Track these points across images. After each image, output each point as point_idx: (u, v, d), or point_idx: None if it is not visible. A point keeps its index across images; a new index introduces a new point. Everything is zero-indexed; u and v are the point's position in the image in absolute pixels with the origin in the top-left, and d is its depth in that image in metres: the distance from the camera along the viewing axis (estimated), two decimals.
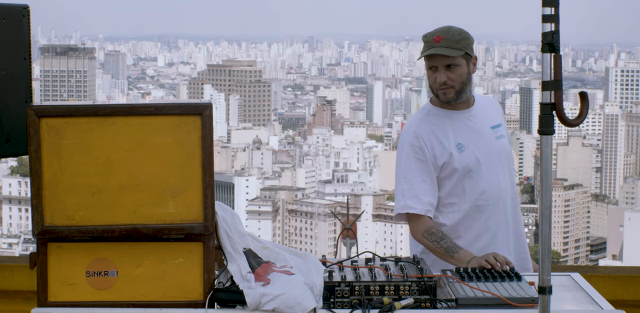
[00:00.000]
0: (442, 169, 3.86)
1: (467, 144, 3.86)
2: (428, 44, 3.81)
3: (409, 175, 3.86)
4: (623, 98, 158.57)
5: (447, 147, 3.85)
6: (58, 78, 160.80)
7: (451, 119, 3.90)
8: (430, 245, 3.78)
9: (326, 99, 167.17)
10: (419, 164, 3.85)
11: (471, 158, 3.85)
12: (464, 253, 3.67)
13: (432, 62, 3.81)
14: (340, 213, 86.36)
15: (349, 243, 9.24)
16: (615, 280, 4.82)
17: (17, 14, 3.24)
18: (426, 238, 3.79)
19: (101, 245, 3.09)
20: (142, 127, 3.04)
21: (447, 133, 3.87)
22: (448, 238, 3.76)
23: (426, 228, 3.81)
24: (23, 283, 5.06)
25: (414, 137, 3.87)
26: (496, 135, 3.94)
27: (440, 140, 3.86)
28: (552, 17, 2.84)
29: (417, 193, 3.83)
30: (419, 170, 3.84)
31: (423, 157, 3.85)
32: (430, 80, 3.85)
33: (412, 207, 3.83)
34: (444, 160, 3.85)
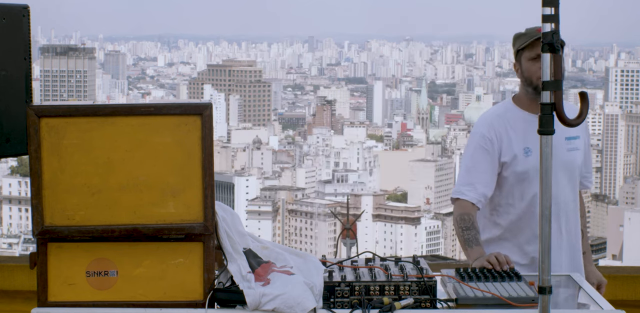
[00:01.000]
0: (504, 168, 3.90)
1: (535, 150, 3.88)
2: (530, 34, 3.87)
3: (470, 163, 3.93)
4: (623, 98, 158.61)
5: (515, 148, 3.89)
6: (58, 78, 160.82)
7: (527, 122, 3.91)
8: (457, 231, 3.85)
9: (326, 99, 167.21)
10: (485, 154, 3.90)
11: (533, 164, 3.86)
12: (476, 250, 3.72)
13: (536, 50, 3.82)
14: (340, 213, 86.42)
15: (349, 243, 9.23)
16: (615, 280, 4.82)
17: (17, 14, 3.24)
18: (457, 222, 3.86)
19: (101, 245, 3.09)
20: (142, 127, 3.04)
21: (518, 134, 3.91)
22: (474, 231, 3.79)
23: (462, 213, 3.86)
24: (23, 283, 5.06)
25: (488, 128, 3.93)
26: (569, 146, 3.96)
27: (510, 140, 3.90)
28: (552, 17, 2.84)
29: (474, 182, 3.89)
30: (483, 160, 3.90)
31: (491, 149, 3.90)
32: (532, 70, 3.86)
33: (465, 193, 3.89)
34: (507, 160, 3.89)
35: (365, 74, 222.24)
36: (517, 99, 4.00)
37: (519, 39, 3.93)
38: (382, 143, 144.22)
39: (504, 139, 3.91)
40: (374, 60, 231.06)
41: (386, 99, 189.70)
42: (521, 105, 3.96)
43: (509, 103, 4.01)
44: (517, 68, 3.95)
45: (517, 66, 3.96)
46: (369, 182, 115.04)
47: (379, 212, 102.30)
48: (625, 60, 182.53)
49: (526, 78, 3.91)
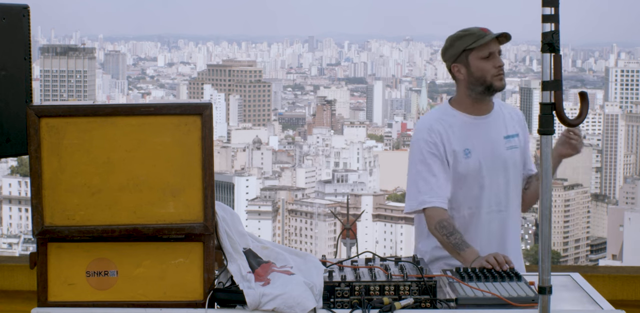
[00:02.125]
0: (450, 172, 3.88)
1: (474, 150, 3.88)
2: (479, 34, 3.86)
3: (423, 169, 3.88)
4: (623, 98, 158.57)
5: (456, 150, 3.87)
6: (58, 78, 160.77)
7: (465, 123, 3.91)
8: (441, 239, 3.79)
9: (326, 99, 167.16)
10: (433, 158, 3.87)
11: (474, 165, 3.86)
12: (470, 252, 3.67)
13: (488, 48, 3.85)
14: (340, 213, 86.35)
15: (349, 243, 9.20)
16: (615, 280, 4.82)
17: (17, 14, 3.24)
18: (437, 231, 3.80)
19: (101, 245, 3.09)
20: (142, 127, 3.04)
21: (458, 136, 3.89)
22: (458, 234, 3.75)
23: (439, 221, 3.81)
24: (23, 283, 5.06)
25: (429, 133, 3.89)
26: (509, 145, 3.95)
27: (450, 141, 3.88)
28: (552, 17, 2.84)
29: (432, 187, 3.85)
30: (434, 164, 3.86)
31: (437, 152, 3.87)
32: (486, 69, 3.86)
33: (429, 201, 3.84)
34: (451, 163, 3.87)
35: (365, 74, 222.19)
36: (456, 102, 3.96)
37: (463, 39, 3.89)
38: (382, 143, 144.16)
39: (444, 140, 3.88)
40: (374, 60, 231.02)
41: (386, 99, 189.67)
42: (461, 108, 3.94)
43: (447, 107, 3.98)
44: (459, 69, 3.91)
45: (458, 67, 3.91)
46: (369, 182, 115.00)
47: (379, 212, 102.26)
48: (625, 60, 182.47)
49: (478, 78, 3.87)
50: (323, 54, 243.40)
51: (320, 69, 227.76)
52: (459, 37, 3.90)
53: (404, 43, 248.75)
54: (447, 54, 3.96)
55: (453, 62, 3.93)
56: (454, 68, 3.93)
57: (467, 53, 3.88)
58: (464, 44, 3.88)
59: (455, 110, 3.95)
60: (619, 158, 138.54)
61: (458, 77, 3.93)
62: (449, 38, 3.96)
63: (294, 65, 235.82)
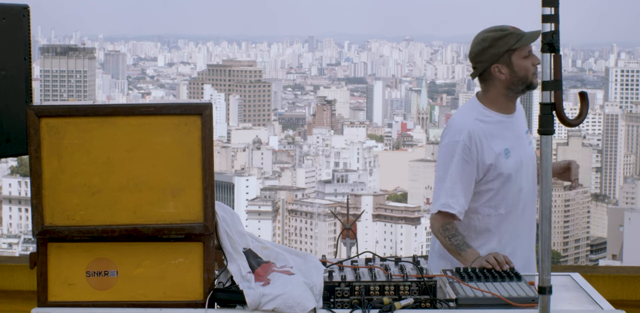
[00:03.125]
0: (488, 172, 3.86)
1: (512, 149, 3.88)
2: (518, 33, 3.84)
3: (455, 174, 3.86)
4: (623, 98, 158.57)
5: (497, 152, 3.86)
6: (58, 78, 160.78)
7: (501, 123, 3.91)
8: (443, 241, 3.82)
9: (326, 99, 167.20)
10: (466, 166, 3.85)
11: (515, 164, 3.87)
12: (470, 253, 3.69)
13: (528, 47, 3.85)
14: (340, 213, 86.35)
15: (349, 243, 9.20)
16: (615, 280, 4.82)
17: (17, 14, 3.24)
18: (441, 233, 3.83)
19: (101, 245, 3.09)
20: (142, 127, 3.04)
21: (496, 137, 3.87)
22: (460, 236, 3.78)
23: (442, 224, 3.83)
24: (23, 283, 5.06)
25: (468, 137, 3.85)
26: (528, 141, 3.99)
27: (490, 145, 3.86)
28: (552, 17, 2.84)
29: (457, 195, 3.84)
30: (465, 172, 3.85)
31: (470, 159, 3.85)
32: (528, 67, 3.85)
33: (452, 207, 3.83)
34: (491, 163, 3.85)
35: (365, 74, 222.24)
36: (489, 101, 3.92)
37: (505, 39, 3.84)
38: (382, 143, 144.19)
39: (484, 146, 3.85)
40: (374, 60, 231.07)
41: (386, 99, 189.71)
42: (495, 108, 3.90)
43: (479, 106, 3.93)
44: (499, 69, 3.85)
45: (498, 67, 3.85)
46: (369, 182, 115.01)
47: (379, 212, 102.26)
48: (625, 60, 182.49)
49: (521, 77, 3.84)
50: (323, 54, 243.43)
51: (320, 69, 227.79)
52: (500, 37, 3.85)
53: (404, 43, 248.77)
54: (486, 54, 3.87)
55: (494, 63, 3.86)
56: (495, 68, 3.86)
57: (511, 53, 3.84)
58: (507, 44, 3.83)
59: (489, 109, 3.92)
60: (619, 158, 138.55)
61: (498, 77, 3.86)
62: (486, 38, 3.88)
63: (294, 65, 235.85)
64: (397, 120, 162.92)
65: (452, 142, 3.88)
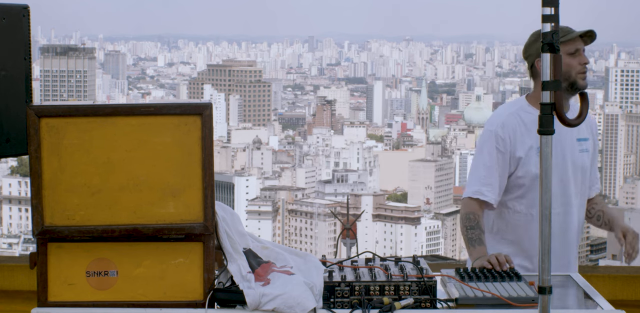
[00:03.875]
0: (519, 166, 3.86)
1: None
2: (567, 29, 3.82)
3: (488, 163, 3.88)
4: (623, 98, 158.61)
5: (528, 147, 3.85)
6: (58, 78, 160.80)
7: None
8: (462, 228, 3.85)
9: (326, 99, 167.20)
10: (499, 155, 3.87)
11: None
12: (478, 250, 3.72)
13: (575, 45, 3.82)
14: (340, 213, 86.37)
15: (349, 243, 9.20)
16: (615, 280, 4.82)
17: (17, 14, 3.24)
18: (463, 220, 3.85)
19: (101, 245, 3.09)
20: (142, 127, 3.04)
21: (531, 133, 3.84)
22: (478, 230, 3.79)
23: (468, 211, 3.85)
24: (23, 283, 5.06)
25: (501, 127, 3.87)
26: (580, 148, 3.93)
27: (524, 139, 3.85)
28: (552, 17, 2.84)
29: (492, 182, 3.86)
30: (498, 161, 3.87)
31: (504, 149, 3.86)
32: (572, 65, 3.81)
33: (485, 194, 3.86)
34: (522, 159, 3.85)
35: (365, 74, 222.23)
36: (534, 98, 3.92)
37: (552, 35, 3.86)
38: (382, 143, 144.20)
39: (517, 138, 3.86)
40: (374, 60, 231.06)
41: (386, 99, 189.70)
42: (533, 104, 3.89)
43: (523, 102, 3.95)
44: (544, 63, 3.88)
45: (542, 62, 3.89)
46: (369, 182, 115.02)
47: (379, 212, 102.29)
48: (625, 60, 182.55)
49: (564, 73, 3.78)
50: (323, 54, 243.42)
51: (320, 69, 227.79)
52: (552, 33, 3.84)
53: (404, 43, 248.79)
54: (532, 48, 3.88)
55: (538, 56, 3.84)
56: (538, 62, 3.85)
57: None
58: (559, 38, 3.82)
59: (531, 106, 3.90)
60: (619, 158, 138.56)
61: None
62: (534, 33, 3.88)
63: (294, 65, 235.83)
64: (397, 120, 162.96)
65: (487, 131, 3.92)
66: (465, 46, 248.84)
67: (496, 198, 3.87)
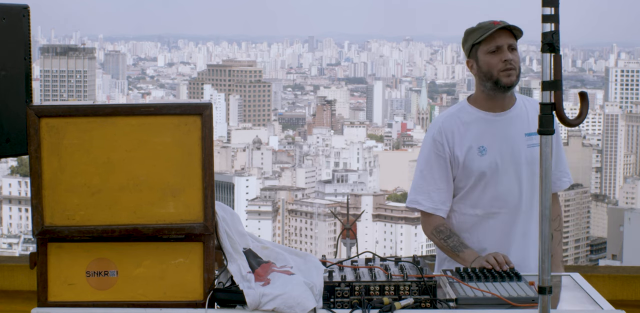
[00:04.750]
0: (462, 169, 3.79)
1: (490, 148, 3.77)
2: (488, 27, 3.74)
3: (425, 170, 3.84)
4: (623, 98, 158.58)
5: (469, 147, 3.78)
6: (58, 78, 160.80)
7: (482, 120, 3.80)
8: (438, 243, 3.78)
9: (326, 99, 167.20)
10: (438, 160, 3.80)
11: (490, 163, 3.76)
12: (468, 253, 3.66)
13: (495, 42, 3.72)
14: (340, 213, 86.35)
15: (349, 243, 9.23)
16: (615, 280, 4.82)
17: (17, 14, 3.24)
18: (434, 236, 3.78)
19: (101, 245, 3.09)
20: (142, 127, 3.04)
21: (472, 133, 3.79)
22: (456, 237, 3.73)
23: (435, 226, 3.79)
24: (23, 283, 5.06)
25: (438, 131, 3.82)
26: (530, 143, 3.80)
27: (462, 138, 3.79)
28: (552, 17, 2.84)
29: (429, 190, 3.81)
30: (437, 167, 3.81)
31: (443, 154, 3.80)
32: (492, 63, 3.73)
33: (421, 203, 3.82)
34: (462, 160, 3.78)
35: (365, 74, 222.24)
36: (472, 99, 3.86)
37: (473, 33, 3.77)
38: (382, 143, 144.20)
39: (455, 140, 3.78)
40: (374, 60, 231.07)
41: (386, 99, 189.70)
42: (477, 105, 3.83)
43: (465, 104, 3.88)
44: (472, 64, 3.79)
45: (471, 63, 3.80)
46: (369, 182, 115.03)
47: (379, 212, 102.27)
48: (625, 60, 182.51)
49: (485, 73, 3.75)
50: (323, 54, 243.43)
51: (320, 69, 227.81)
52: (470, 32, 3.79)
53: (404, 43, 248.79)
54: (464, 49, 3.85)
55: (468, 57, 3.82)
56: (468, 63, 3.83)
57: (477, 47, 3.76)
58: (473, 38, 3.77)
59: (472, 107, 3.84)
60: (619, 159, 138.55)
61: (472, 73, 3.83)
62: (464, 32, 3.84)
63: (294, 65, 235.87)
64: (397, 120, 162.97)
65: (426, 136, 3.88)
66: None
67: (435, 206, 3.79)
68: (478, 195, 3.80)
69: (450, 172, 3.81)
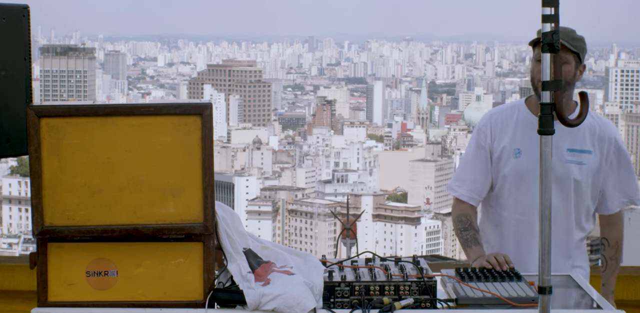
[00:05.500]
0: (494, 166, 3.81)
1: (526, 152, 3.75)
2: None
3: (466, 157, 3.89)
4: (623, 98, 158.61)
5: (506, 147, 3.79)
6: (58, 78, 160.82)
7: (529, 123, 3.77)
8: (456, 231, 3.84)
9: (326, 99, 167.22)
10: (479, 151, 3.84)
11: (519, 167, 3.75)
12: (475, 250, 3.70)
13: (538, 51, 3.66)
14: (340, 213, 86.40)
15: (349, 243, 9.22)
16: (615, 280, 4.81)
17: (17, 14, 3.24)
18: (455, 223, 3.85)
19: (101, 245, 3.09)
20: (142, 127, 3.04)
21: (514, 134, 3.79)
22: (472, 231, 3.77)
23: (459, 214, 3.84)
24: (23, 283, 5.06)
25: (485, 122, 3.85)
26: (569, 158, 3.75)
27: (503, 137, 3.80)
28: (552, 17, 2.84)
29: (465, 178, 3.86)
30: (477, 157, 3.84)
31: (484, 145, 3.83)
32: (534, 72, 3.71)
33: (455, 190, 3.87)
34: (495, 156, 3.80)
35: (365, 74, 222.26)
36: (528, 100, 3.87)
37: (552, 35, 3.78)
38: (382, 143, 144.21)
39: (498, 133, 3.80)
40: (374, 60, 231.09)
41: (386, 99, 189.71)
42: (532, 108, 3.81)
43: (520, 102, 3.88)
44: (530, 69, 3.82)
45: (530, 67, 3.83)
46: (369, 182, 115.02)
47: (379, 212, 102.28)
48: (625, 60, 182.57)
49: (531, 79, 3.77)
50: (323, 54, 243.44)
51: (320, 69, 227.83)
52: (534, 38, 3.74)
53: (404, 43, 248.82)
54: None
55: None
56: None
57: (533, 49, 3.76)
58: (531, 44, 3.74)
59: (526, 108, 3.83)
60: None
61: None
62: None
63: (294, 65, 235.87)
64: (397, 120, 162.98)
65: (475, 127, 3.92)
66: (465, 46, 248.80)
67: (468, 194, 3.83)
68: (506, 197, 3.83)
69: (490, 163, 3.83)
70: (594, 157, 3.80)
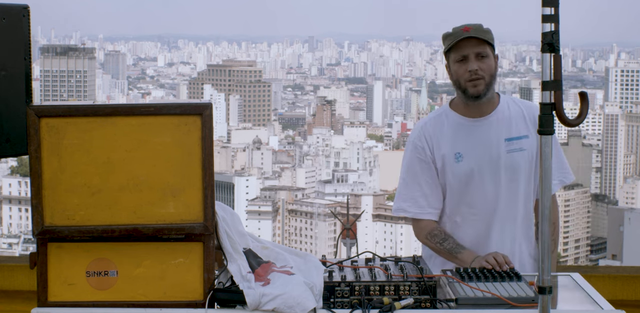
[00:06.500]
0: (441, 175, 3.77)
1: (467, 155, 3.73)
2: (456, 35, 3.68)
3: (408, 177, 3.81)
4: (623, 98, 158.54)
5: (445, 154, 3.75)
6: (58, 78, 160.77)
7: (460, 126, 3.76)
8: (434, 247, 3.77)
9: (326, 99, 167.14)
10: (421, 165, 3.77)
11: (465, 170, 3.72)
12: (467, 254, 3.66)
13: (461, 51, 3.67)
14: (340, 213, 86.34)
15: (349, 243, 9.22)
16: (615, 280, 4.82)
17: (17, 14, 3.24)
18: (429, 240, 3.78)
19: (101, 245, 3.09)
20: (142, 127, 3.04)
21: (450, 139, 3.75)
22: (451, 239, 3.73)
23: (429, 231, 3.79)
24: (23, 283, 5.06)
25: (418, 136, 3.79)
26: (509, 148, 3.74)
27: (441, 145, 3.76)
28: (552, 17, 2.84)
29: (414, 196, 3.79)
30: (420, 172, 3.77)
31: (425, 158, 3.76)
32: (459, 73, 3.69)
33: (407, 210, 3.82)
34: (440, 166, 3.76)
35: (365, 74, 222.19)
36: (454, 104, 3.82)
37: (446, 39, 3.71)
38: (382, 143, 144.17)
39: (434, 143, 3.76)
40: (374, 60, 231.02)
41: (386, 99, 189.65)
42: (457, 110, 3.79)
43: (446, 108, 3.83)
44: (448, 71, 3.76)
45: (448, 68, 3.77)
46: (369, 182, 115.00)
47: (379, 212, 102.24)
48: (625, 60, 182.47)
49: (455, 81, 3.72)
50: (323, 54, 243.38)
51: (320, 69, 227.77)
52: (444, 37, 3.74)
53: (404, 43, 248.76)
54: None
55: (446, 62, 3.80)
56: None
57: (448, 55, 3.74)
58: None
59: (452, 111, 3.80)
60: (619, 158, 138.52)
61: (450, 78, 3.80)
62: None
63: (294, 65, 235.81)
64: (397, 120, 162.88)
65: (408, 141, 3.86)
66: None
67: (425, 211, 3.78)
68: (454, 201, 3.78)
69: (436, 175, 3.78)
70: (531, 141, 3.78)
